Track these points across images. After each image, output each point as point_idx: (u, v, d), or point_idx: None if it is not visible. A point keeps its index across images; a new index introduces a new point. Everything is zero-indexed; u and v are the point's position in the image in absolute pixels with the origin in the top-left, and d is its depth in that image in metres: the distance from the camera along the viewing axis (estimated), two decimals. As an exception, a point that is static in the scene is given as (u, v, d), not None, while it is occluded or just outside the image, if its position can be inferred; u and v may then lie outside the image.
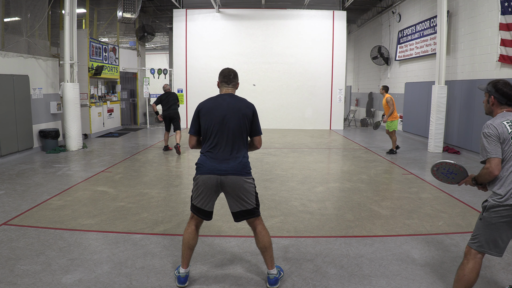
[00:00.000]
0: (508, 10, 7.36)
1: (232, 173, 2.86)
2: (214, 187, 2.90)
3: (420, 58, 11.69)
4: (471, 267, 2.56)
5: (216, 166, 2.87)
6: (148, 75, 15.09)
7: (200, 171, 2.94)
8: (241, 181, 2.88)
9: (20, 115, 8.26)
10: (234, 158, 2.90)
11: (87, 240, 3.95)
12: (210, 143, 2.92)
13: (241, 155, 2.94)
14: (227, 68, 3.17)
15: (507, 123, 2.50)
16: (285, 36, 14.46)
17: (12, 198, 5.29)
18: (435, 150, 9.37)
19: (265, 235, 3.06)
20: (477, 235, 2.58)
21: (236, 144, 2.92)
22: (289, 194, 5.67)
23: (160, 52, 25.80)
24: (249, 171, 2.96)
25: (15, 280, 3.07)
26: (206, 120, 2.93)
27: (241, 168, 2.89)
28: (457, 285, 2.61)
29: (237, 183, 2.87)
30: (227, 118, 2.90)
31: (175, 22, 14.54)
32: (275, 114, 14.72)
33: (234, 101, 2.99)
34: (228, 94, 3.06)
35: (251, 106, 3.05)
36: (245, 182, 2.91)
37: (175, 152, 8.95)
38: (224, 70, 3.15)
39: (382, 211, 4.90)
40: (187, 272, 3.04)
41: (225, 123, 2.90)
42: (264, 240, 3.03)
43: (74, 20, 9.11)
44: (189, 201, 3.64)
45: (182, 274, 3.02)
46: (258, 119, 3.09)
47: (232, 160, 2.89)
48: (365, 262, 3.47)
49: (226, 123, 2.90)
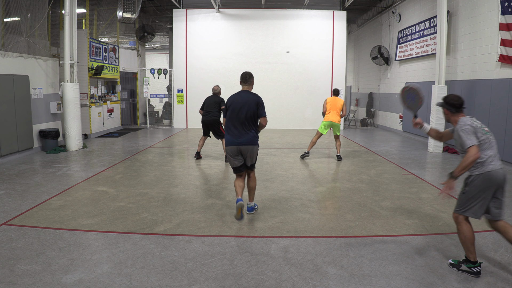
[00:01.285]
0: (508, 10, 7.36)
1: (247, 144, 4.47)
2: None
3: (420, 58, 11.69)
4: (466, 229, 3.26)
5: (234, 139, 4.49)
6: (148, 75, 15.08)
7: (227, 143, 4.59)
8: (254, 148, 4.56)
9: (20, 115, 8.26)
10: (247, 133, 4.48)
11: (87, 240, 3.95)
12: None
13: (253, 131, 4.52)
14: (244, 72, 4.72)
15: (474, 121, 3.26)
16: (285, 36, 14.46)
17: (12, 198, 5.29)
18: (435, 150, 9.37)
19: (255, 180, 4.77)
20: (462, 203, 3.29)
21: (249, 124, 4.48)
22: (289, 194, 5.67)
23: (160, 52, 25.79)
24: (257, 139, 4.58)
25: (15, 280, 3.07)
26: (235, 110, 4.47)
27: (252, 139, 4.50)
28: (465, 245, 3.28)
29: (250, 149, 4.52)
30: (243, 107, 4.44)
31: (175, 22, 14.54)
32: (275, 114, 14.70)
33: (249, 96, 4.54)
34: (245, 90, 4.63)
35: (257, 98, 4.53)
36: (256, 148, 4.60)
37: (176, 153, 8.89)
38: (242, 73, 4.70)
39: (382, 211, 4.90)
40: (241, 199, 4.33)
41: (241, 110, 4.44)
42: (253, 183, 4.75)
43: (74, 20, 9.11)
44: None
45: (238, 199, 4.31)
46: (263, 106, 4.54)
47: (245, 135, 4.47)
48: (365, 262, 3.47)
49: (245, 111, 4.43)
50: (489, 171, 3.16)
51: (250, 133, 4.47)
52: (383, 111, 15.14)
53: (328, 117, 8.19)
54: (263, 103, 4.55)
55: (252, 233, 4.14)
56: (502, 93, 7.66)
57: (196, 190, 5.91)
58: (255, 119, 4.50)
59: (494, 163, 3.20)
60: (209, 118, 7.83)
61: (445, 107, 3.43)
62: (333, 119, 8.16)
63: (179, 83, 14.75)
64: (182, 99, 14.70)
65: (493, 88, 7.97)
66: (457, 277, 3.20)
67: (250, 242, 3.88)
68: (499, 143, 7.71)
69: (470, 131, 3.17)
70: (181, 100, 14.73)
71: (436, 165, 7.98)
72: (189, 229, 4.24)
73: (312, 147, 8.54)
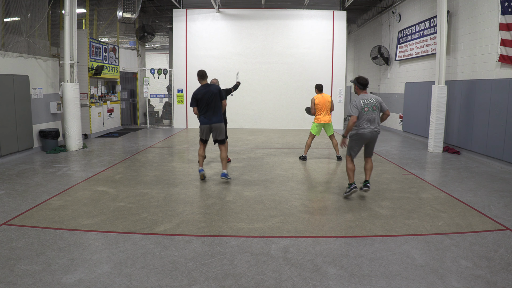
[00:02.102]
0: (508, 10, 7.36)
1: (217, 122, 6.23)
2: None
3: (420, 58, 11.68)
4: (349, 163, 5.45)
5: (207, 120, 6.22)
6: (148, 75, 15.08)
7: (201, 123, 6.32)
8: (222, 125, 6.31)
9: (20, 115, 8.26)
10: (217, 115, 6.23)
11: (87, 240, 3.95)
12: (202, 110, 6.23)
13: (220, 114, 6.28)
14: (200, 70, 6.31)
15: (362, 101, 5.17)
16: (285, 36, 14.46)
17: (12, 198, 5.29)
18: (435, 150, 9.37)
19: (225, 151, 6.35)
20: (348, 149, 5.45)
21: (215, 108, 6.18)
22: (289, 194, 5.67)
23: (160, 52, 25.78)
24: (224, 119, 6.59)
25: (15, 280, 3.07)
26: (200, 99, 6.15)
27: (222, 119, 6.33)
28: (348, 174, 5.45)
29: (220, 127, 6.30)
30: (209, 97, 6.12)
31: (175, 22, 14.54)
32: (275, 114, 14.72)
33: (210, 87, 6.19)
34: (206, 84, 6.24)
35: (218, 88, 6.25)
36: (224, 125, 6.39)
37: (176, 152, 8.92)
38: (199, 71, 6.28)
39: (382, 211, 4.91)
40: (203, 168, 6.41)
41: (208, 99, 6.13)
42: (224, 154, 6.30)
43: (74, 20, 9.11)
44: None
45: (201, 169, 6.38)
46: (222, 92, 6.31)
47: (215, 116, 6.21)
48: (365, 262, 3.47)
49: (209, 99, 6.12)
50: (360, 132, 5.20)
51: (219, 114, 6.27)
52: (383, 111, 15.12)
53: (320, 118, 7.99)
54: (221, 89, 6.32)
55: (252, 233, 4.14)
56: (502, 93, 7.66)
57: (196, 190, 5.91)
58: (220, 103, 6.27)
59: (364, 128, 5.18)
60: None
61: (356, 84, 5.36)
62: (325, 120, 7.99)
63: (179, 83, 14.75)
64: (182, 99, 14.70)
65: (493, 88, 7.97)
66: (457, 277, 3.20)
67: (250, 242, 3.88)
68: (499, 143, 7.73)
69: (355, 105, 5.16)
70: (181, 100, 14.73)
71: (436, 165, 7.98)
72: (189, 229, 4.24)
73: (308, 150, 8.45)
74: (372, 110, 5.13)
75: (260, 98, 14.72)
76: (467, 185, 6.28)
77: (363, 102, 5.13)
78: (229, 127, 14.95)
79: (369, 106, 5.13)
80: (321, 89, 8.17)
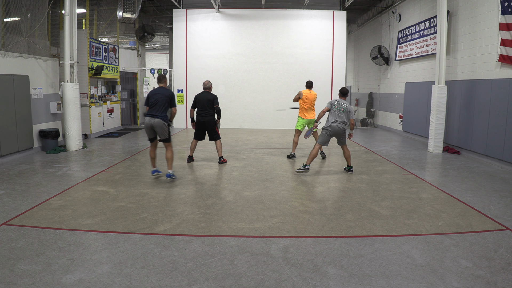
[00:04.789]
0: (508, 10, 7.35)
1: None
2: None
3: (420, 58, 11.68)
4: (316, 150, 6.82)
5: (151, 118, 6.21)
6: (148, 75, 15.08)
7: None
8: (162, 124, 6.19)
9: (20, 115, 8.25)
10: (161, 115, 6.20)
11: (87, 240, 3.95)
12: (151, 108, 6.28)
13: (164, 114, 6.22)
14: (160, 74, 6.45)
15: (336, 101, 6.90)
16: (285, 36, 14.46)
17: (12, 198, 5.29)
18: (435, 150, 9.37)
19: (170, 151, 6.36)
20: (319, 138, 6.94)
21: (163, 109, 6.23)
22: (289, 194, 5.67)
23: (160, 52, 25.79)
24: (167, 120, 6.25)
25: (15, 280, 3.07)
26: (153, 99, 6.26)
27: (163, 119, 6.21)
28: (310, 156, 6.83)
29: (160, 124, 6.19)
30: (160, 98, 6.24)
31: (175, 22, 14.54)
32: (275, 114, 14.72)
33: (163, 90, 6.34)
34: (161, 87, 6.42)
35: (170, 92, 6.37)
36: (164, 125, 6.21)
37: (176, 152, 8.87)
38: (159, 75, 6.44)
39: (382, 211, 4.91)
40: (156, 169, 6.56)
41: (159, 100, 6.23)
42: (169, 154, 6.33)
43: (74, 20, 9.11)
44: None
45: (153, 170, 6.55)
46: (175, 99, 6.46)
47: (159, 116, 6.18)
48: (365, 262, 3.47)
49: (159, 100, 6.22)
50: (330, 124, 6.83)
51: (163, 115, 6.26)
52: (383, 111, 15.14)
53: (306, 114, 8.23)
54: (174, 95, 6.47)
55: (252, 233, 4.14)
56: (502, 93, 7.66)
57: (196, 190, 5.91)
58: (168, 106, 6.31)
59: (333, 122, 6.80)
60: (205, 119, 7.53)
61: (339, 93, 7.11)
62: (311, 116, 8.24)
63: (179, 83, 14.74)
64: (182, 99, 14.70)
65: (493, 88, 7.97)
66: (457, 277, 3.21)
67: (250, 242, 3.88)
68: (499, 143, 7.73)
69: (330, 102, 6.94)
70: (181, 100, 14.72)
71: (436, 165, 7.98)
72: (189, 229, 4.24)
73: (296, 148, 8.53)
74: (340, 111, 6.81)
75: (260, 98, 14.71)
76: (467, 185, 6.28)
77: (336, 102, 6.88)
78: (229, 127, 15.05)
79: (338, 107, 6.82)
80: (311, 86, 8.51)
